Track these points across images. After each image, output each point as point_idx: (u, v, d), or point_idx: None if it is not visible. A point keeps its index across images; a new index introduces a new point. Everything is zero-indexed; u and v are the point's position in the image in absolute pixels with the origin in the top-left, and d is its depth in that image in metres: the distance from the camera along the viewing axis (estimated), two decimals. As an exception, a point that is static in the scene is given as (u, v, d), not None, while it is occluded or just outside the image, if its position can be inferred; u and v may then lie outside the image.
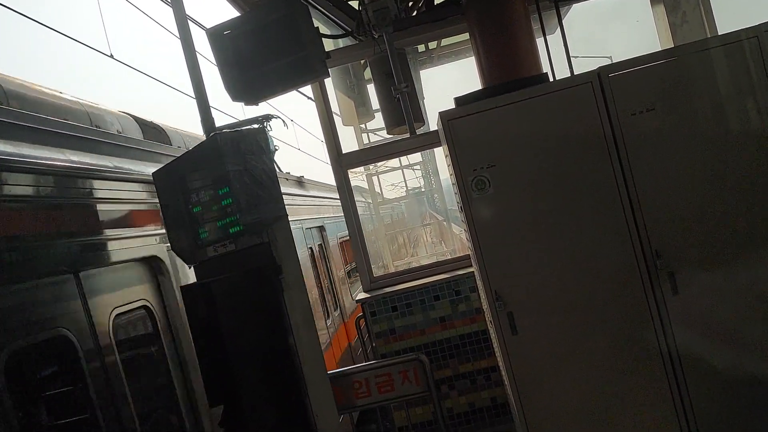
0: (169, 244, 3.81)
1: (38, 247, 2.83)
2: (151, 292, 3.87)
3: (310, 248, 9.41)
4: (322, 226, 10.80)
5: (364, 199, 17.54)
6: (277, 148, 3.78)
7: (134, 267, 3.79)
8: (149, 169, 3.86)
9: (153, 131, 5.56)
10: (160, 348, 3.81)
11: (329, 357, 8.83)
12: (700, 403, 4.10)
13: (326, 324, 9.29)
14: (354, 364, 7.61)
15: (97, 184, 3.41)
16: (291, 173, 10.83)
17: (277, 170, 6.21)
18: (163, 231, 3.87)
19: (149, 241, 3.90)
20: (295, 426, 3.52)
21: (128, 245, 3.66)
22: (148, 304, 3.78)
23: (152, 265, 3.95)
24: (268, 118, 4.38)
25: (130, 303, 3.60)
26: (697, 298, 4.07)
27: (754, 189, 3.99)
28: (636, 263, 4.12)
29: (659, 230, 4.07)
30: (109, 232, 3.48)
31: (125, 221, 3.72)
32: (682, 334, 4.09)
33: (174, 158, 3.81)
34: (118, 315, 3.41)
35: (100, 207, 3.43)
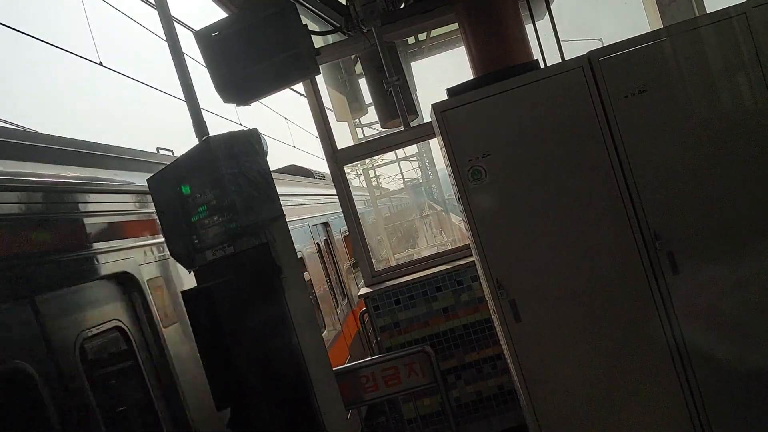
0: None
1: None
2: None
3: (317, 244, 9.97)
4: (327, 222, 11.24)
5: (361, 194, 17.61)
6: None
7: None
8: None
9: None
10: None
11: (341, 344, 9.46)
12: (707, 385, 4.11)
13: (336, 311, 9.90)
14: (364, 348, 8.18)
15: None
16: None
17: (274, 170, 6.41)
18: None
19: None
20: (303, 424, 3.53)
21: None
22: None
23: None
24: None
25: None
26: (698, 277, 4.07)
27: (748, 166, 3.99)
28: (635, 245, 4.12)
29: (657, 211, 4.07)
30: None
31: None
32: (685, 314, 4.10)
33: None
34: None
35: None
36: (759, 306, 4.04)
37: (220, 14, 5.64)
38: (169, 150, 5.32)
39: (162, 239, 3.98)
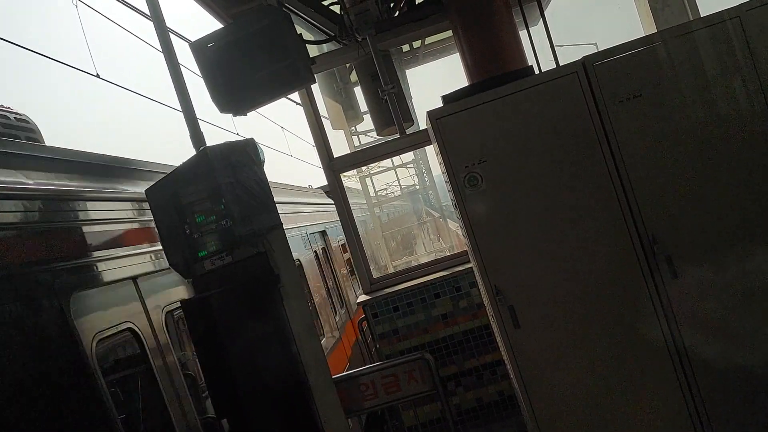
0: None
1: None
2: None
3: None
4: None
5: (358, 202, 17.44)
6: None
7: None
8: None
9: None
10: None
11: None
12: (707, 388, 4.10)
13: None
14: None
15: None
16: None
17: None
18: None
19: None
20: (304, 433, 3.53)
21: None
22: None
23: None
24: None
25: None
26: (696, 281, 4.07)
27: (744, 168, 4.00)
28: (633, 249, 4.12)
29: (654, 216, 4.08)
30: None
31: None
32: (684, 318, 4.09)
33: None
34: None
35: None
36: (758, 308, 4.04)
37: (215, 25, 5.66)
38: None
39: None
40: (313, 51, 6.54)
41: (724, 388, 4.09)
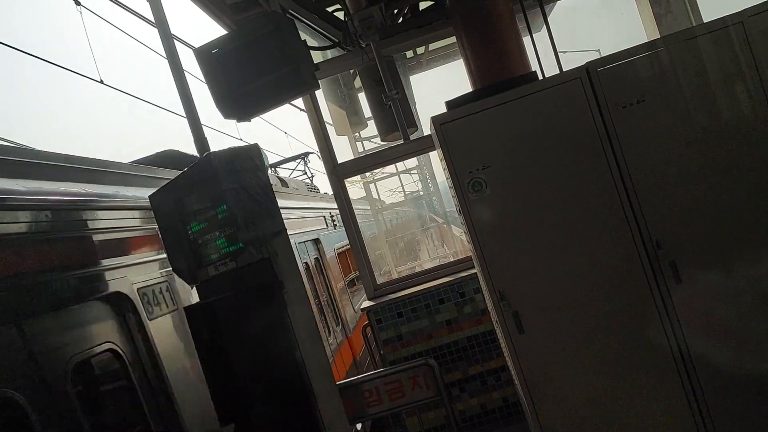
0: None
1: None
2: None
3: None
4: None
5: (362, 207, 17.36)
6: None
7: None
8: None
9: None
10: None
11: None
12: (712, 393, 4.08)
13: None
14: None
15: None
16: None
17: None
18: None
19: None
20: (307, 439, 3.52)
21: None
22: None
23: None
24: None
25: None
26: (700, 285, 4.06)
27: (748, 173, 3.99)
28: (637, 254, 4.12)
29: (658, 220, 4.07)
30: None
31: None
32: (688, 323, 4.09)
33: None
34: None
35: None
36: (762, 313, 4.03)
37: (219, 32, 5.68)
38: None
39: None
40: (317, 57, 6.55)
41: (729, 393, 4.08)
